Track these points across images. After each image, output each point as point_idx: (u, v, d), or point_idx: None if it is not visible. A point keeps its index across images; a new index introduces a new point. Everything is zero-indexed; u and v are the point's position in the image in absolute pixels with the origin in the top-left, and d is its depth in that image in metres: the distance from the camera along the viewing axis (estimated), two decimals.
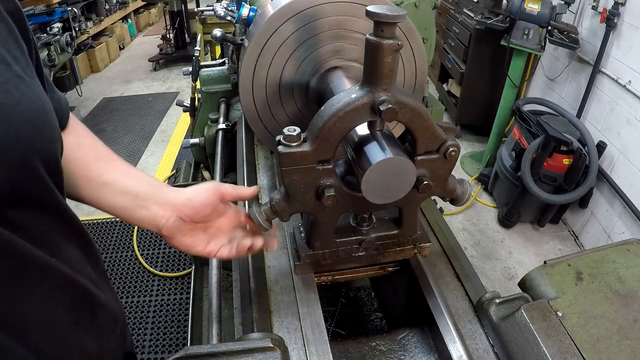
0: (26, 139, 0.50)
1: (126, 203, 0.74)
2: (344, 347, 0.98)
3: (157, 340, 2.47)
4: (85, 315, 0.64)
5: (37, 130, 0.52)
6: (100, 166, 0.73)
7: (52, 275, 0.56)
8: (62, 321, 0.58)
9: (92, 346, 0.64)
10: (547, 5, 3.05)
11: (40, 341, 0.54)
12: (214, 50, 4.79)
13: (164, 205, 0.76)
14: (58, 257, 0.57)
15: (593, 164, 2.81)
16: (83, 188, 0.71)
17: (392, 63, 0.73)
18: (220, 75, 2.05)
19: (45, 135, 0.54)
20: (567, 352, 0.74)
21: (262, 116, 1.17)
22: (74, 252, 0.62)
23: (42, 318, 0.55)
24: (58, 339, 0.57)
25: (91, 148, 0.74)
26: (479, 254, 3.11)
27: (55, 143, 0.57)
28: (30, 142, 0.50)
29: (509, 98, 3.51)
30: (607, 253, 0.91)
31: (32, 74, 0.55)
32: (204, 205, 0.78)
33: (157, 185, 0.78)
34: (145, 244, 3.14)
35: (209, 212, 0.79)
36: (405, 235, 0.99)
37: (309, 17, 1.04)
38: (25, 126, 0.50)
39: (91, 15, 6.15)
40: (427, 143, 0.83)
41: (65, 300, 0.59)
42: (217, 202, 0.79)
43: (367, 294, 1.78)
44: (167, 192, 0.77)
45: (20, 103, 0.49)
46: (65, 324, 0.59)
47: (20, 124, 0.49)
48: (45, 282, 0.55)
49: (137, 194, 0.74)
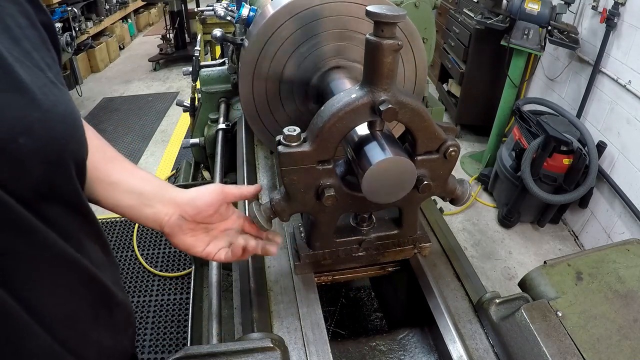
0: (61, 139, 0.53)
1: (132, 202, 0.77)
2: (344, 347, 0.98)
3: (157, 340, 2.47)
4: (104, 313, 0.66)
5: (70, 132, 0.55)
6: (109, 167, 0.76)
7: (77, 270, 0.58)
8: (85, 316, 0.61)
9: (108, 343, 0.67)
10: (547, 5, 3.05)
11: (65, 333, 0.56)
12: (214, 50, 4.79)
13: (168, 204, 0.78)
14: (82, 253, 0.59)
15: (593, 164, 2.81)
16: (91, 187, 0.74)
17: (392, 63, 0.73)
18: (220, 75, 2.05)
19: (76, 138, 0.57)
20: (567, 352, 0.74)
21: (262, 116, 1.17)
22: (95, 251, 0.65)
23: (68, 311, 0.57)
24: (80, 333, 0.60)
25: (99, 149, 0.76)
26: (479, 254, 3.11)
27: (84, 145, 0.60)
28: (64, 142, 0.53)
29: (509, 98, 3.51)
30: (607, 253, 0.91)
31: (62, 82, 0.59)
32: (206, 205, 0.79)
33: (162, 185, 0.81)
34: (145, 244, 3.14)
35: (212, 213, 0.80)
36: (405, 235, 0.99)
37: (308, 17, 1.04)
38: (61, 127, 0.53)
39: (91, 15, 6.15)
40: (427, 143, 0.83)
41: (88, 296, 0.61)
42: (220, 203, 0.81)
43: (367, 294, 1.78)
44: (171, 191, 0.80)
45: (56, 105, 0.53)
46: (87, 319, 0.62)
47: (57, 124, 0.52)
48: (72, 276, 0.58)
49: (143, 193, 0.77)
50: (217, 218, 0.83)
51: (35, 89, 0.50)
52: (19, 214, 0.48)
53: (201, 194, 0.80)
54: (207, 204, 0.79)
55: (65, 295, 0.57)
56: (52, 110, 0.52)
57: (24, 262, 0.51)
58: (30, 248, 0.51)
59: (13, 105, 0.48)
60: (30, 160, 0.48)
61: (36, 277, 0.52)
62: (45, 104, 0.51)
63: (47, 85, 0.53)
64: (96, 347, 0.64)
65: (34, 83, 0.51)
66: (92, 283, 0.62)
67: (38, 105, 0.50)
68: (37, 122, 0.49)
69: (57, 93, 0.54)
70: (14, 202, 0.47)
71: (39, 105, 0.50)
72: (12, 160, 0.47)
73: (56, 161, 0.52)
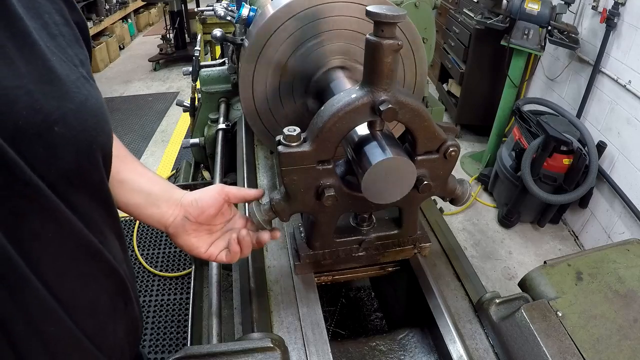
0: (91, 131, 0.55)
1: (139, 200, 0.79)
2: (344, 347, 0.98)
3: (157, 340, 2.47)
4: (121, 306, 0.69)
5: (100, 125, 0.57)
6: (119, 165, 0.77)
7: (100, 261, 0.61)
8: (104, 306, 0.63)
9: (121, 335, 0.69)
10: (547, 5, 3.05)
11: (87, 321, 0.59)
12: (214, 50, 4.79)
13: (173, 205, 0.81)
14: (105, 246, 0.62)
15: (593, 164, 2.81)
16: None
17: (392, 63, 0.73)
18: (220, 75, 2.05)
19: (105, 131, 0.59)
20: (567, 352, 0.74)
21: (262, 116, 1.17)
22: (116, 246, 0.67)
23: (90, 300, 0.60)
24: (99, 322, 0.62)
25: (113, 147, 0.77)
26: (479, 254, 3.11)
27: (111, 140, 0.63)
28: (95, 134, 0.56)
29: (509, 98, 3.51)
30: (607, 253, 0.91)
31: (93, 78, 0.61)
32: (209, 205, 0.81)
33: (169, 186, 0.84)
34: (145, 244, 3.14)
35: (214, 213, 0.82)
36: (405, 235, 0.99)
37: (308, 17, 1.04)
38: (92, 119, 0.55)
39: (91, 15, 6.15)
40: (427, 143, 0.83)
41: (108, 287, 0.64)
42: (222, 204, 0.83)
43: (367, 294, 1.78)
44: (177, 193, 0.83)
45: (88, 99, 0.55)
46: (106, 309, 0.64)
47: (89, 117, 0.55)
48: (95, 267, 0.60)
49: (150, 194, 0.80)
50: (220, 219, 0.85)
51: (69, 82, 0.53)
52: (49, 198, 0.50)
53: (204, 195, 0.82)
54: (209, 204, 0.81)
55: (89, 284, 0.59)
56: (85, 103, 0.54)
57: (52, 247, 0.53)
58: (58, 234, 0.53)
59: (50, 95, 0.50)
60: (63, 148, 0.51)
61: (62, 263, 0.54)
62: (78, 97, 0.54)
63: (80, 79, 0.56)
64: (112, 338, 0.66)
65: (68, 77, 0.54)
66: (112, 275, 0.64)
67: (72, 97, 0.53)
68: (71, 113, 0.52)
69: (89, 88, 0.57)
70: (44, 186, 0.49)
71: (72, 98, 0.53)
72: (47, 146, 0.49)
73: (86, 151, 0.55)
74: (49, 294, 0.52)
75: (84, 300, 0.59)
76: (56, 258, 0.53)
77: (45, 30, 0.54)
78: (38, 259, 0.51)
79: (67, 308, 0.55)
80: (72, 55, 0.57)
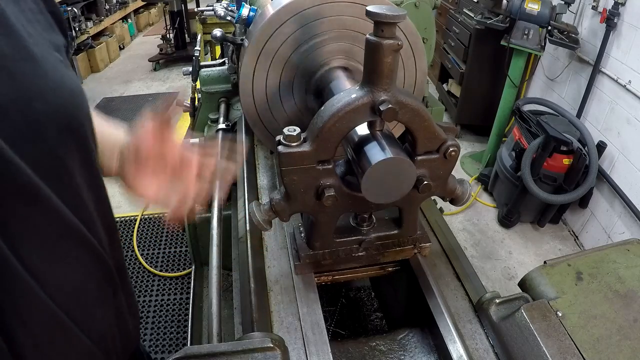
0: (70, 107, 0.56)
1: None
2: (344, 347, 0.98)
3: (157, 340, 2.47)
4: (109, 293, 0.68)
5: (78, 104, 0.58)
6: None
7: (86, 246, 0.60)
8: (90, 291, 0.63)
9: (112, 322, 0.69)
10: (547, 5, 3.05)
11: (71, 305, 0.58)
12: (214, 50, 4.78)
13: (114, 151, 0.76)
14: (91, 232, 0.61)
15: (593, 164, 2.80)
16: None
17: (392, 63, 0.73)
18: (220, 75, 2.05)
19: (83, 110, 0.60)
20: (567, 352, 0.74)
21: (262, 116, 1.17)
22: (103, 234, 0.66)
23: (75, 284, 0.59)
24: (86, 307, 0.62)
25: None
26: (479, 254, 3.11)
27: (91, 120, 0.63)
28: (73, 111, 0.57)
29: (509, 98, 3.51)
30: (607, 253, 0.91)
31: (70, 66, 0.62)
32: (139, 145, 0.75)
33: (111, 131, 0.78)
34: (145, 244, 3.14)
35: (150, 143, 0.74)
36: (405, 235, 0.99)
37: (308, 17, 1.04)
38: (70, 98, 0.56)
39: (91, 15, 6.15)
40: (427, 143, 0.83)
41: (95, 272, 0.63)
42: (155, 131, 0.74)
43: (367, 294, 1.78)
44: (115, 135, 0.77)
45: (64, 80, 0.56)
46: (93, 294, 0.63)
47: (66, 94, 0.56)
48: (81, 251, 0.59)
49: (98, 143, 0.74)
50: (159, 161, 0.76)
51: (46, 63, 0.54)
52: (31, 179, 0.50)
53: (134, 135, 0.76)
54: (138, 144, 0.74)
55: (73, 268, 0.59)
56: (62, 82, 0.55)
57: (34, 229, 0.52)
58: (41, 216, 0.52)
59: (27, 73, 0.51)
60: (44, 124, 0.51)
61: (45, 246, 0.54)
62: (55, 77, 0.54)
63: (57, 62, 0.57)
64: (101, 325, 0.65)
65: (45, 58, 0.55)
66: (98, 262, 0.63)
67: (49, 76, 0.53)
68: (49, 90, 0.53)
69: (65, 70, 0.58)
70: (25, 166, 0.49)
71: (50, 77, 0.54)
72: (28, 123, 0.50)
73: (67, 128, 0.55)
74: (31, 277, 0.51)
75: (69, 284, 0.58)
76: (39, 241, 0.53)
77: (22, 15, 0.55)
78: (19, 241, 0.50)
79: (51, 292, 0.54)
80: (48, 39, 0.58)
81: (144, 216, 3.40)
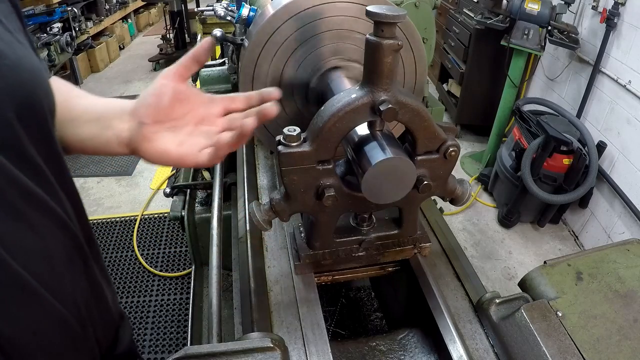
0: (29, 86, 0.57)
1: (94, 130, 0.71)
2: (344, 347, 0.98)
3: (157, 340, 2.47)
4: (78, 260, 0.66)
5: (37, 81, 0.59)
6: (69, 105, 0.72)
7: (50, 212, 0.60)
8: (59, 256, 0.62)
9: (85, 288, 0.67)
10: (547, 5, 3.05)
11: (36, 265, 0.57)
12: (214, 50, 4.78)
13: (123, 117, 0.70)
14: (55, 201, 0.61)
15: (593, 164, 2.81)
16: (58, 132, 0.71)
17: (392, 63, 0.73)
18: (220, 75, 2.05)
19: (43, 87, 0.60)
20: (567, 352, 0.74)
21: None
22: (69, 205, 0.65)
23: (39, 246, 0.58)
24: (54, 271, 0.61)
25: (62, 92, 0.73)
26: (479, 254, 3.11)
27: (51, 95, 0.63)
28: (32, 89, 0.57)
29: (509, 98, 3.51)
30: (607, 253, 0.91)
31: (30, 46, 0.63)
32: (159, 94, 0.69)
33: (118, 102, 0.73)
34: (145, 244, 3.14)
35: (168, 102, 0.69)
36: (405, 235, 0.99)
37: (309, 17, 1.04)
38: (28, 75, 0.57)
39: (91, 15, 6.15)
40: (427, 143, 0.83)
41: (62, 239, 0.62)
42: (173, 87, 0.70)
43: (367, 294, 1.78)
44: (126, 104, 0.72)
45: (22, 59, 0.57)
46: (62, 259, 0.62)
47: (24, 73, 0.56)
48: (45, 218, 0.59)
49: (100, 118, 0.71)
50: (181, 108, 0.71)
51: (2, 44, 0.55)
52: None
53: (150, 88, 0.71)
54: (160, 93, 0.69)
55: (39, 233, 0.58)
56: (19, 62, 0.56)
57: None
58: None
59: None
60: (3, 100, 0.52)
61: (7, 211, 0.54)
62: (12, 57, 0.55)
63: (14, 43, 0.58)
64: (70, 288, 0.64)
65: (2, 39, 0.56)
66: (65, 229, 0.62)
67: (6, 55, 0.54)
68: (6, 68, 0.54)
69: (23, 50, 0.58)
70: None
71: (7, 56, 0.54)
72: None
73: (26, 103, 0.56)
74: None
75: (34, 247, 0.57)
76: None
77: None
78: None
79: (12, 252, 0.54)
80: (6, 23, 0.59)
81: (144, 216, 3.41)
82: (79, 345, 0.66)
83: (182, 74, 0.71)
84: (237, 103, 0.75)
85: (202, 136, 0.72)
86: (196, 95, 0.73)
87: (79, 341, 0.66)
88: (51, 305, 0.59)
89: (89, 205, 3.58)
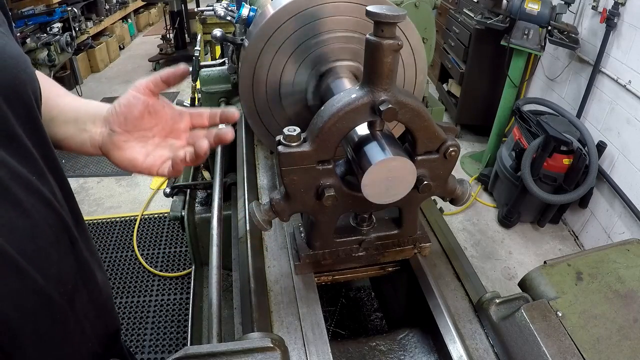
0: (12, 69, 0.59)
1: (71, 131, 0.74)
2: (344, 347, 0.98)
3: (157, 340, 2.47)
4: (66, 243, 0.67)
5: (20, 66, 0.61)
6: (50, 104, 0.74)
7: (35, 191, 0.61)
8: (45, 235, 0.63)
9: (73, 267, 0.68)
10: (547, 5, 3.05)
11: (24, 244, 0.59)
12: (214, 50, 4.78)
13: (97, 122, 0.73)
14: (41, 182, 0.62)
15: (593, 164, 2.81)
16: None
17: (392, 63, 0.73)
18: (220, 75, 2.05)
19: (27, 72, 0.62)
20: (567, 352, 0.74)
21: (262, 116, 1.17)
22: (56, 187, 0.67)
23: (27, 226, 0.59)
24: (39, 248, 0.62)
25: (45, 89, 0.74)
26: (479, 254, 3.11)
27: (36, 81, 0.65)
28: (16, 72, 0.60)
29: (509, 98, 3.51)
30: (607, 253, 0.91)
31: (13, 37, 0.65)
32: (129, 105, 0.71)
33: (96, 106, 0.76)
34: (145, 244, 3.14)
35: (138, 114, 0.72)
36: (405, 235, 0.99)
37: (309, 17, 1.04)
38: (12, 61, 0.59)
39: (91, 15, 6.15)
40: (427, 143, 0.83)
41: (48, 218, 0.63)
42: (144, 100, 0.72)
43: (367, 294, 1.78)
44: (102, 109, 0.75)
45: (5, 48, 0.59)
46: (48, 238, 0.63)
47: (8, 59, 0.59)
48: (30, 197, 0.60)
49: (77, 119, 0.74)
50: (150, 121, 0.73)
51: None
52: None
53: (122, 98, 0.73)
54: (130, 105, 0.71)
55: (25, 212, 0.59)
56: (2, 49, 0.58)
57: None
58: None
59: None
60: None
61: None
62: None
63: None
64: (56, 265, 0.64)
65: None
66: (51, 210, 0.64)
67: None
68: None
69: (7, 40, 0.61)
70: None
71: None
72: None
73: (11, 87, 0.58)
74: None
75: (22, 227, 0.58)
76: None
77: None
78: None
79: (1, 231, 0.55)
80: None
81: (144, 216, 3.41)
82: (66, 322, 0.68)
83: (152, 89, 0.73)
84: (203, 119, 0.78)
85: (167, 149, 0.75)
86: (166, 109, 0.76)
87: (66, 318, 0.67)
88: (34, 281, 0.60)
89: (89, 205, 3.58)
